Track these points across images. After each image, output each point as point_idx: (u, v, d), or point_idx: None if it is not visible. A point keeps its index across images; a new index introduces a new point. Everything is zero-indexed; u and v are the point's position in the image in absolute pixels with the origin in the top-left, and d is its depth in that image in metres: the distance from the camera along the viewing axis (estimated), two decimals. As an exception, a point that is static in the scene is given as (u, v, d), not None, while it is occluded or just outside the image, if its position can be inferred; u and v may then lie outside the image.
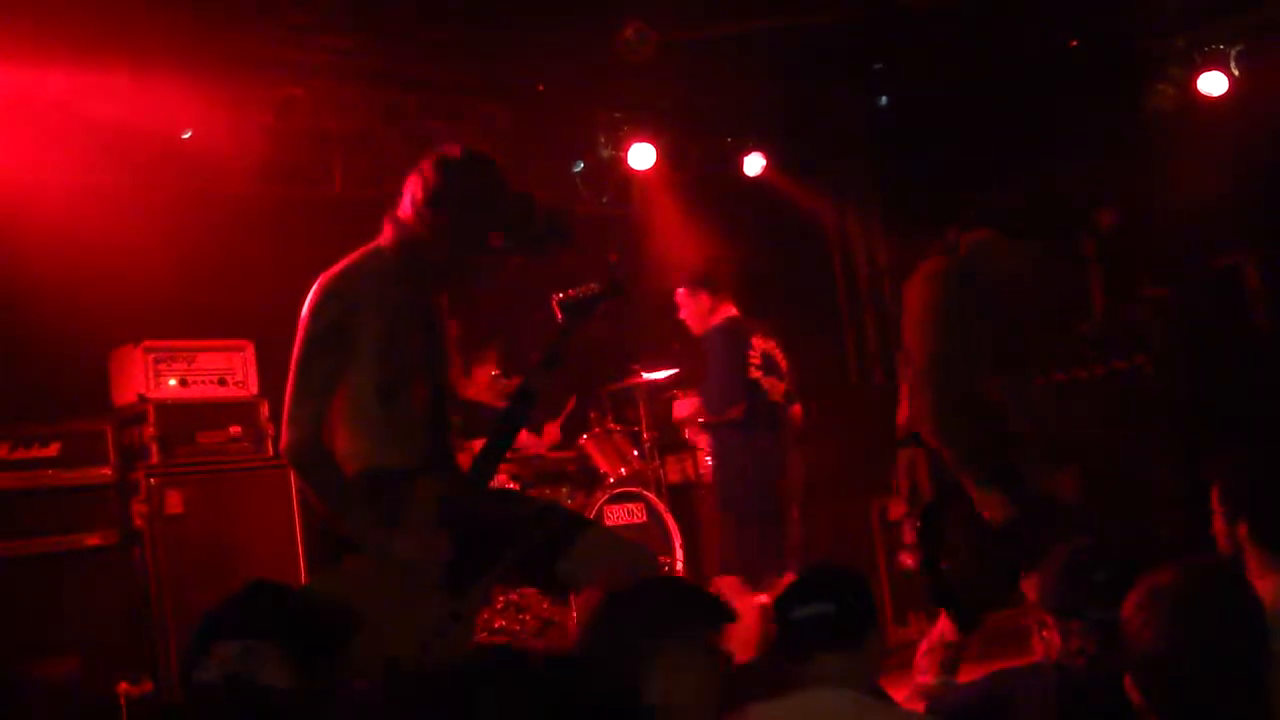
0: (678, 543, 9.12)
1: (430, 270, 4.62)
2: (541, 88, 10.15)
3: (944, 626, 5.89)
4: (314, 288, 4.52)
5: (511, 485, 8.81)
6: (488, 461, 4.63)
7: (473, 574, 4.40)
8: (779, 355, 8.71)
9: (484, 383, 8.49)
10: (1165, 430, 10.31)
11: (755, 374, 8.48)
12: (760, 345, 8.58)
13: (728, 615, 3.60)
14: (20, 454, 7.58)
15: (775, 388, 8.57)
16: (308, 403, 4.42)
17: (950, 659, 5.89)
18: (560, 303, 4.77)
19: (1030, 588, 4.33)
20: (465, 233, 4.57)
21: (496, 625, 8.55)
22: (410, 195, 4.61)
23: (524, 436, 8.92)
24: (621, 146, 10.60)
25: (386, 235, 4.64)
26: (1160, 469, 10.08)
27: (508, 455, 5.77)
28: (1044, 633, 4.18)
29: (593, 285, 4.81)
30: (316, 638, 3.18)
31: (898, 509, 10.57)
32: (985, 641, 8.94)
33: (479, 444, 4.72)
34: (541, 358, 4.76)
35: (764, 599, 7.70)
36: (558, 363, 4.77)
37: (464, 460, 4.86)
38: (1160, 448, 10.26)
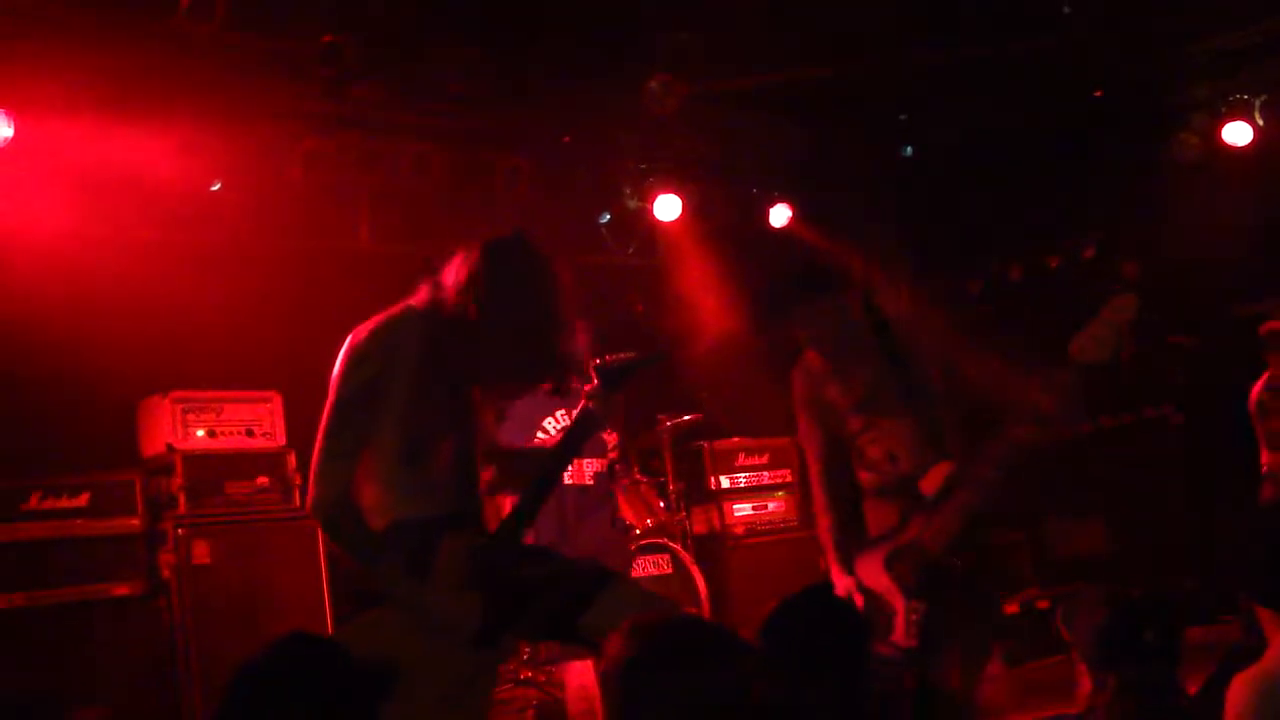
0: (703, 595, 9.10)
1: (456, 345, 4.58)
2: (567, 139, 10.19)
3: None
4: (344, 348, 4.51)
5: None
6: (520, 516, 4.63)
7: (500, 628, 4.40)
8: None
9: None
10: (1193, 478, 10.30)
11: None
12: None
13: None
14: (50, 504, 7.63)
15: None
16: (337, 463, 4.41)
17: None
18: (599, 369, 4.76)
19: (1069, 632, 4.30)
20: (496, 330, 4.55)
21: (522, 676, 8.53)
22: (454, 273, 4.60)
23: None
24: (647, 198, 10.62)
25: (421, 297, 4.63)
26: (1187, 517, 10.06)
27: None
28: (1075, 676, 4.17)
29: (634, 352, 4.81)
30: (354, 693, 3.17)
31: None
32: (1019, 692, 8.95)
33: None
34: (579, 421, 4.76)
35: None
36: (595, 428, 4.78)
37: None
38: (1187, 496, 10.24)
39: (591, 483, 7.61)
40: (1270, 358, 9.90)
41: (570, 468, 7.52)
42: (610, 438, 7.70)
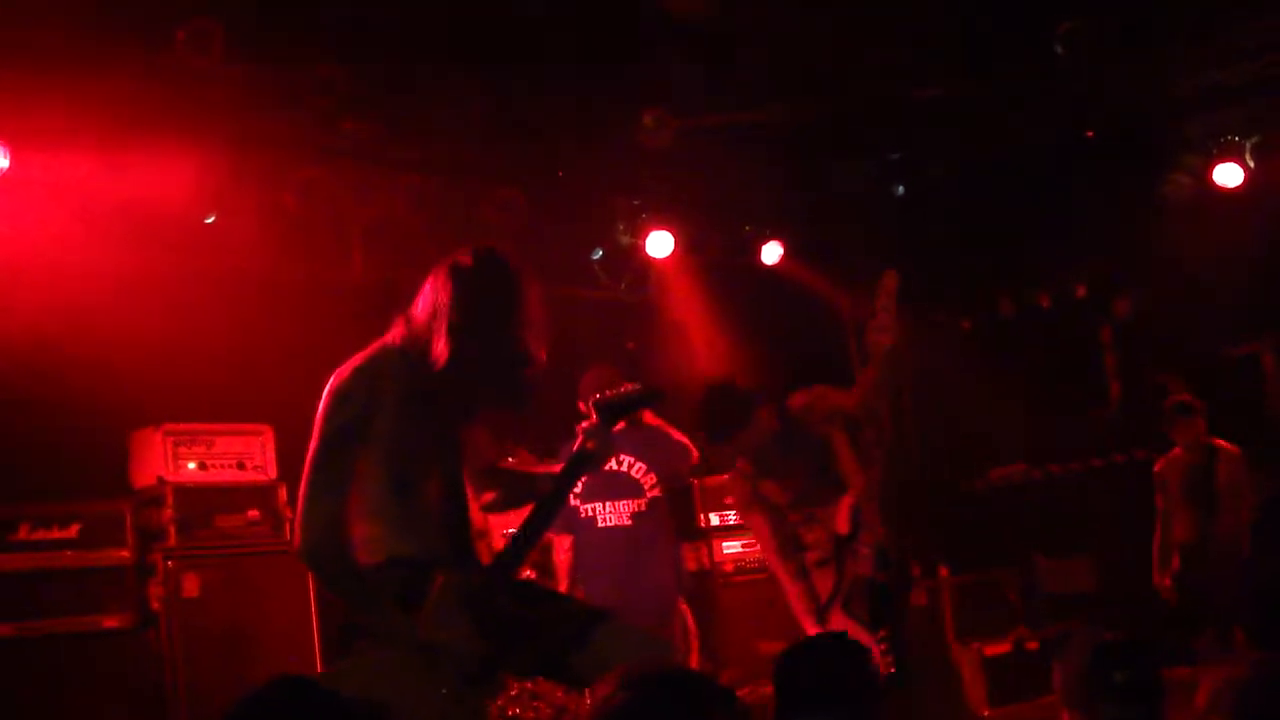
0: (693, 632, 9.06)
1: (438, 376, 4.58)
2: (561, 174, 10.21)
3: None
4: (326, 389, 4.53)
5: (530, 574, 8.79)
6: (514, 554, 4.63)
7: (491, 665, 4.40)
8: None
9: None
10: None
11: None
12: None
13: (742, 713, 3.57)
14: (40, 534, 7.61)
15: None
16: (322, 503, 4.41)
17: None
18: (596, 403, 4.76)
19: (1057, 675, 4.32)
20: (473, 352, 4.57)
21: (511, 713, 8.50)
22: (423, 304, 4.62)
23: None
24: (640, 233, 10.62)
25: (397, 333, 4.64)
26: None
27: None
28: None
29: (631, 387, 4.81)
30: None
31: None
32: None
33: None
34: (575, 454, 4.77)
35: None
36: (595, 464, 4.79)
37: None
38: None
39: (630, 523, 7.68)
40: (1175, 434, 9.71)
41: (603, 511, 7.62)
42: (647, 478, 7.76)
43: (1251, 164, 10.31)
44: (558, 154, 10.03)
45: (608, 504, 7.66)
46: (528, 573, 8.80)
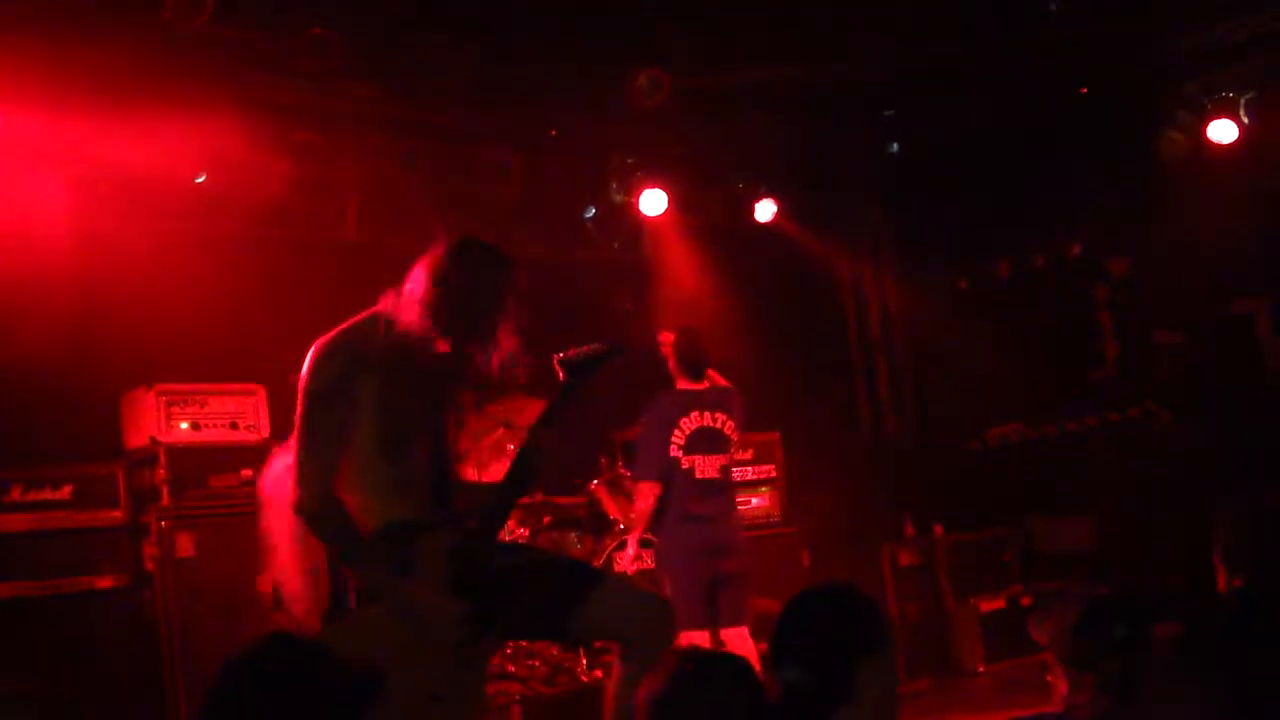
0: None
1: (424, 349, 4.62)
2: (554, 133, 10.19)
3: None
4: (310, 351, 4.56)
5: (521, 532, 8.81)
6: (495, 515, 4.63)
7: (483, 626, 4.40)
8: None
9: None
10: (1179, 477, 10.30)
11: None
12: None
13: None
14: (32, 496, 7.62)
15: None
16: (316, 458, 4.46)
17: None
18: (562, 361, 4.76)
19: (1042, 633, 4.31)
20: (462, 326, 4.62)
21: (507, 670, 8.52)
22: (416, 277, 4.65)
23: None
24: (633, 192, 10.61)
25: (385, 305, 4.67)
26: (1174, 516, 10.05)
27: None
28: (1049, 678, 4.18)
29: (596, 344, 4.81)
30: (337, 694, 3.16)
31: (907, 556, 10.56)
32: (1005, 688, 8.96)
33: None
34: (542, 415, 4.76)
35: None
36: (558, 420, 4.77)
37: None
38: (1174, 495, 10.24)
39: (718, 475, 7.88)
40: None
41: (702, 464, 7.79)
42: (735, 434, 7.97)
43: (1246, 120, 10.29)
44: (551, 114, 10.00)
45: (707, 457, 7.83)
46: (520, 531, 8.85)
